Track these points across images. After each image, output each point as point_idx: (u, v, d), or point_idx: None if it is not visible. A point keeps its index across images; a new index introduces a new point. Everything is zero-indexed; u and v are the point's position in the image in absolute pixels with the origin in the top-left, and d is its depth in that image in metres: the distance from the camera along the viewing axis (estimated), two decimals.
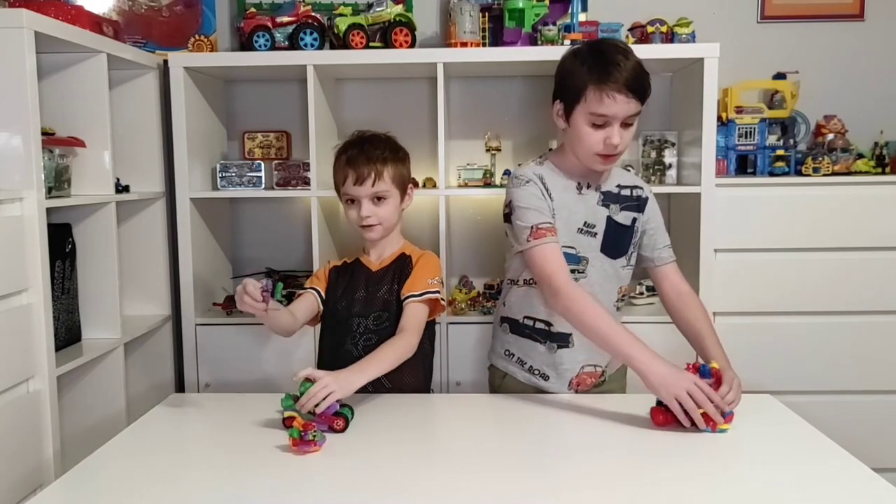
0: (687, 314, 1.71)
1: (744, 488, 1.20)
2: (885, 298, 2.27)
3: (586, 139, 1.59)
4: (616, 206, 1.71)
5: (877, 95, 2.58)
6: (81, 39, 1.94)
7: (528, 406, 1.60)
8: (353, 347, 1.71)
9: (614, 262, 1.71)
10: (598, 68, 1.55)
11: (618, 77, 1.53)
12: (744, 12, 2.59)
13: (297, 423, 1.35)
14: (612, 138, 1.56)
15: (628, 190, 1.74)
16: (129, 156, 2.33)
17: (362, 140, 1.74)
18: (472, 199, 2.58)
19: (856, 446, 1.36)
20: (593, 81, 1.54)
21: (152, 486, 1.22)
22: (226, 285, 2.58)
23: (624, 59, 1.55)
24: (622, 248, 1.72)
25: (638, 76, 1.55)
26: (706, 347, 1.64)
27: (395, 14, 2.29)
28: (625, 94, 1.53)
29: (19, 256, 1.70)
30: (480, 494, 1.19)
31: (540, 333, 1.71)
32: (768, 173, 2.37)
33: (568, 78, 1.61)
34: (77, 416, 2.10)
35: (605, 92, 1.53)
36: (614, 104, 1.54)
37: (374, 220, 1.70)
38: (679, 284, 1.76)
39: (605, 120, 1.56)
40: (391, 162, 1.71)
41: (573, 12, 2.32)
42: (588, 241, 1.68)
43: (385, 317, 1.72)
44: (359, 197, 1.69)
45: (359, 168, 1.68)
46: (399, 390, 1.69)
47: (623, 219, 1.72)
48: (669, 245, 1.79)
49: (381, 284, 1.74)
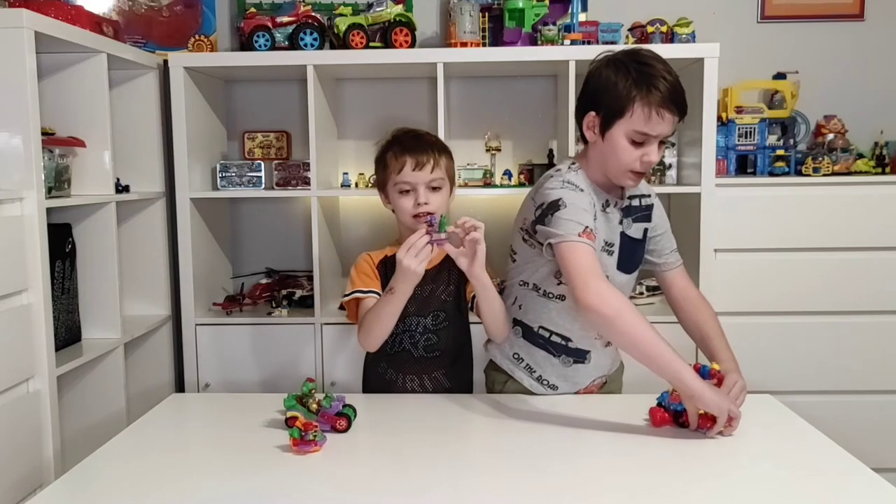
0: (696, 317, 1.69)
1: (744, 488, 1.20)
2: (885, 298, 2.27)
3: (623, 156, 1.50)
4: (629, 219, 1.65)
5: (877, 95, 2.58)
6: (81, 39, 1.93)
7: (529, 406, 1.60)
8: (413, 348, 1.70)
9: (630, 278, 1.68)
10: (644, 83, 1.45)
11: (665, 92, 1.45)
12: (744, 12, 2.59)
13: (299, 422, 1.35)
14: (649, 156, 1.49)
15: (638, 200, 1.68)
16: (129, 156, 2.33)
17: (412, 132, 1.72)
18: (472, 199, 2.58)
19: (856, 446, 1.36)
20: (641, 97, 1.45)
21: (152, 486, 1.22)
22: (226, 285, 2.58)
23: (668, 73, 1.47)
24: (636, 261, 1.69)
25: (682, 92, 1.48)
26: (714, 349, 1.62)
27: (395, 14, 2.29)
28: (671, 111, 1.46)
29: (19, 256, 1.70)
30: (481, 495, 1.19)
31: (556, 347, 1.65)
32: (768, 173, 2.37)
33: (608, 90, 1.49)
34: (77, 416, 2.10)
35: (653, 108, 1.45)
36: (661, 123, 1.46)
37: (431, 206, 1.64)
38: (687, 289, 1.73)
39: (646, 138, 1.48)
40: (444, 153, 1.69)
41: (573, 12, 2.33)
42: (606, 260, 1.60)
43: (443, 317, 1.72)
44: (416, 184, 1.64)
45: (418, 155, 1.63)
46: (457, 389, 1.71)
47: (635, 232, 1.67)
48: (676, 249, 1.75)
49: (437, 283, 1.72)
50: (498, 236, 1.82)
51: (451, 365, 1.75)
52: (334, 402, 1.45)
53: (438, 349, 1.72)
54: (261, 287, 2.49)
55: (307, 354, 2.29)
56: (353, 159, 2.60)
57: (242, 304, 2.40)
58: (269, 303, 2.42)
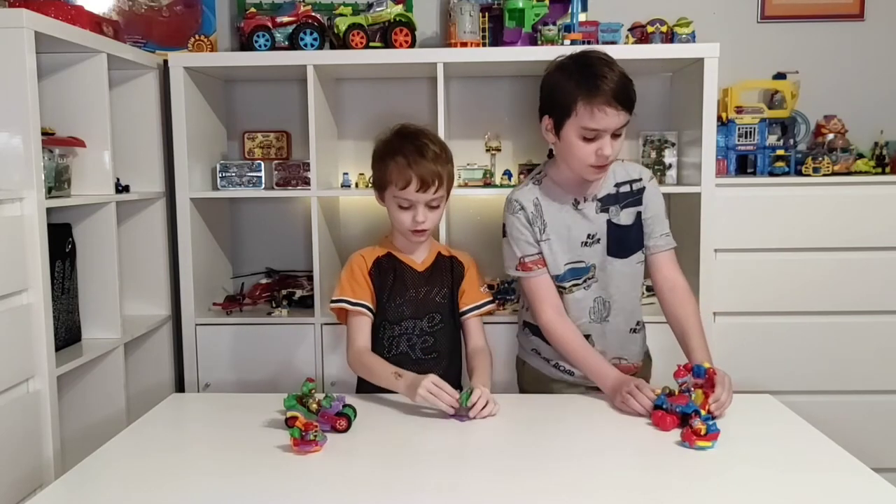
0: (677, 311, 1.71)
1: (744, 488, 1.20)
2: (884, 298, 2.27)
3: (578, 152, 1.60)
4: (616, 207, 1.71)
5: (877, 95, 2.58)
6: (81, 39, 1.93)
7: (531, 406, 1.60)
8: (411, 350, 1.73)
9: (628, 261, 1.72)
10: (585, 82, 1.55)
11: (606, 90, 1.53)
12: (744, 12, 2.59)
13: (300, 422, 1.35)
14: (603, 149, 1.57)
15: (627, 185, 1.73)
16: (129, 156, 2.32)
17: (414, 135, 1.69)
18: (472, 199, 2.58)
19: (856, 446, 1.36)
20: (582, 96, 1.54)
21: (152, 486, 1.22)
22: (226, 285, 2.58)
23: (610, 72, 1.55)
24: (630, 246, 1.72)
25: (625, 87, 1.56)
26: (691, 348, 1.65)
27: (395, 14, 2.29)
28: (614, 106, 1.54)
29: (19, 256, 1.70)
30: (481, 494, 1.19)
31: None
32: (768, 173, 2.37)
33: (555, 93, 1.61)
34: (77, 416, 2.10)
35: (595, 106, 1.53)
36: (605, 118, 1.54)
37: (427, 224, 1.68)
38: (673, 277, 1.74)
39: (595, 133, 1.57)
40: (445, 164, 1.69)
41: (573, 12, 2.32)
42: (593, 250, 1.70)
43: (438, 318, 1.75)
44: (417, 203, 1.66)
45: (424, 174, 1.63)
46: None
47: (626, 218, 1.71)
48: (667, 233, 1.76)
49: (431, 286, 1.75)
50: (498, 236, 1.82)
51: (448, 366, 1.76)
52: (334, 402, 1.45)
53: (436, 350, 1.75)
54: (261, 287, 2.49)
55: (307, 354, 2.29)
56: (353, 159, 2.59)
57: (242, 304, 2.40)
58: (269, 303, 2.42)
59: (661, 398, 1.48)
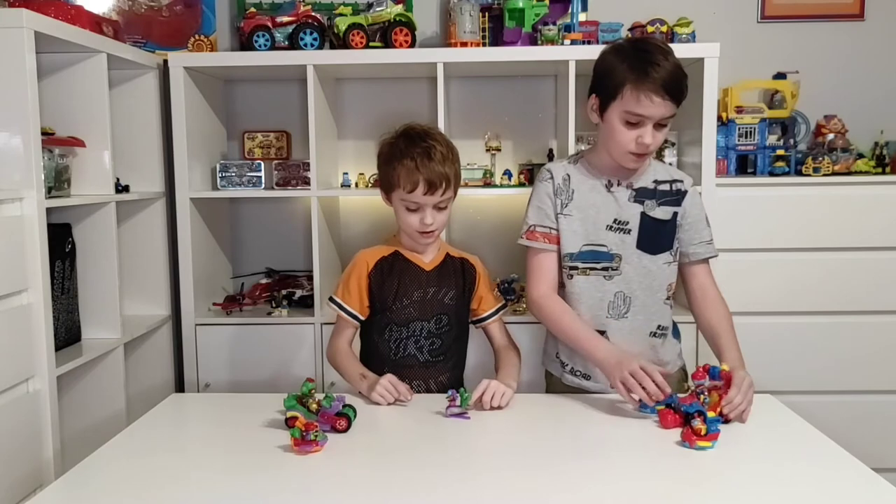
0: (708, 315, 1.69)
1: (744, 488, 1.20)
2: (885, 298, 2.27)
3: (619, 136, 1.58)
4: (652, 201, 1.68)
5: (877, 95, 2.58)
6: (81, 39, 1.93)
7: (533, 406, 1.60)
8: (419, 352, 1.71)
9: (655, 258, 1.69)
10: (637, 67, 1.53)
11: (656, 78, 1.52)
12: (744, 12, 2.59)
13: (300, 422, 1.34)
14: (644, 137, 1.56)
15: (667, 185, 1.70)
16: (129, 156, 2.33)
17: (422, 139, 1.66)
18: (472, 199, 2.58)
19: (856, 446, 1.35)
20: (632, 80, 1.53)
21: (152, 486, 1.22)
22: (226, 285, 2.58)
23: (664, 60, 1.53)
24: (662, 243, 1.69)
25: (676, 78, 1.55)
26: (722, 348, 1.63)
27: (395, 14, 2.29)
28: (661, 95, 1.52)
29: (19, 256, 1.70)
30: (482, 494, 1.19)
31: None
32: (768, 173, 2.37)
33: (607, 74, 1.59)
34: (77, 416, 2.10)
35: (642, 92, 1.52)
36: (651, 105, 1.53)
37: (435, 225, 1.66)
38: (707, 287, 1.72)
39: (639, 119, 1.55)
40: (452, 164, 1.67)
41: (573, 12, 2.33)
42: (621, 239, 1.67)
43: (446, 320, 1.72)
44: (425, 205, 1.64)
45: (432, 177, 1.61)
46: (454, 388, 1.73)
47: (662, 214, 1.68)
48: (708, 241, 1.72)
49: (440, 287, 1.72)
50: (498, 236, 1.82)
51: (453, 368, 1.76)
52: (334, 402, 1.45)
53: (443, 353, 1.73)
54: (261, 287, 2.49)
55: (307, 354, 2.29)
56: (353, 159, 2.60)
57: (242, 304, 2.40)
58: (269, 303, 2.42)
59: (673, 398, 1.46)
